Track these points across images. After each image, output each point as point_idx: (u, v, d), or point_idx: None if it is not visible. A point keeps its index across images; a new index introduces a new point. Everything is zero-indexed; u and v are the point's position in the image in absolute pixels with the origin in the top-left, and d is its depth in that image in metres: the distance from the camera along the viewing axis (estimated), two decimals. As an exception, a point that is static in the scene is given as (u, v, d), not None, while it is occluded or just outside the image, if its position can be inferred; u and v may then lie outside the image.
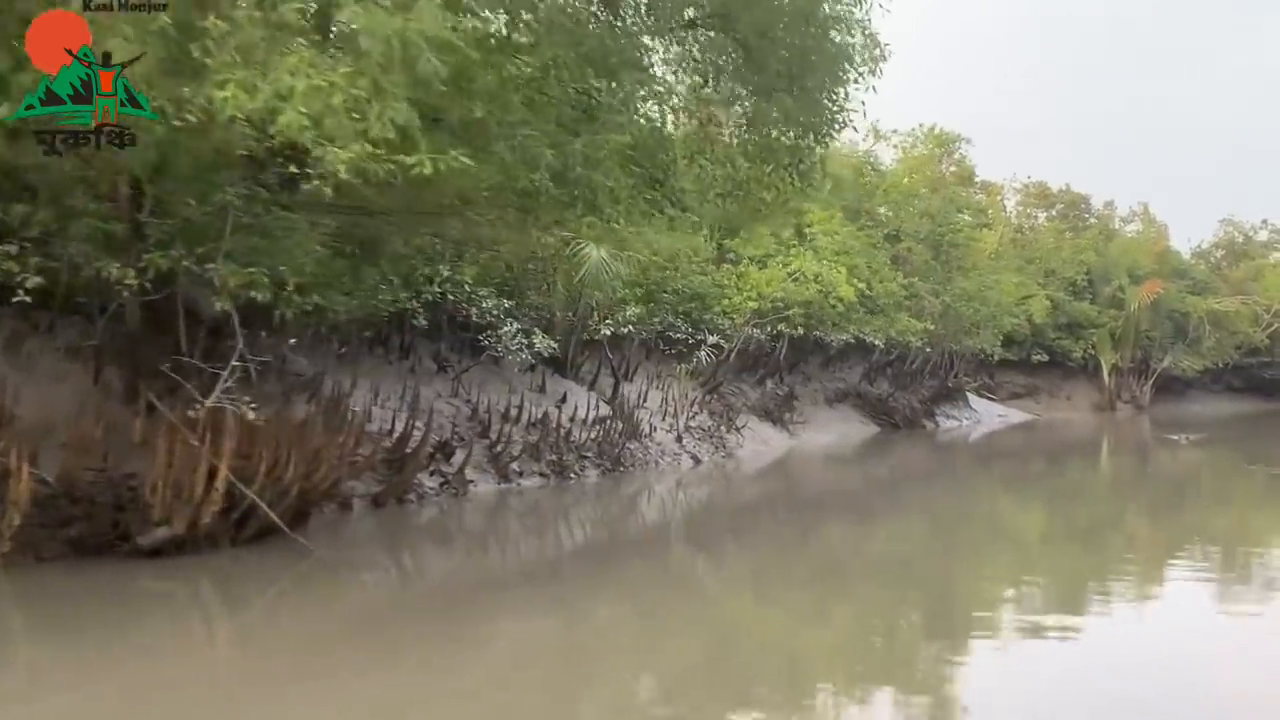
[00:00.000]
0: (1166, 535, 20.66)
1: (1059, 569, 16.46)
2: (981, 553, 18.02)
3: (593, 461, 22.55)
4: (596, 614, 12.80)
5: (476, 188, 12.29)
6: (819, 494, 26.20)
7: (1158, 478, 32.45)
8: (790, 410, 35.73)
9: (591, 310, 23.76)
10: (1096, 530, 21.37)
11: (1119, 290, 62.69)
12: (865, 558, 17.59)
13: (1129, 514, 24.15)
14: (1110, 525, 22.32)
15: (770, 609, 13.42)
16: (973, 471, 33.23)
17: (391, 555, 15.45)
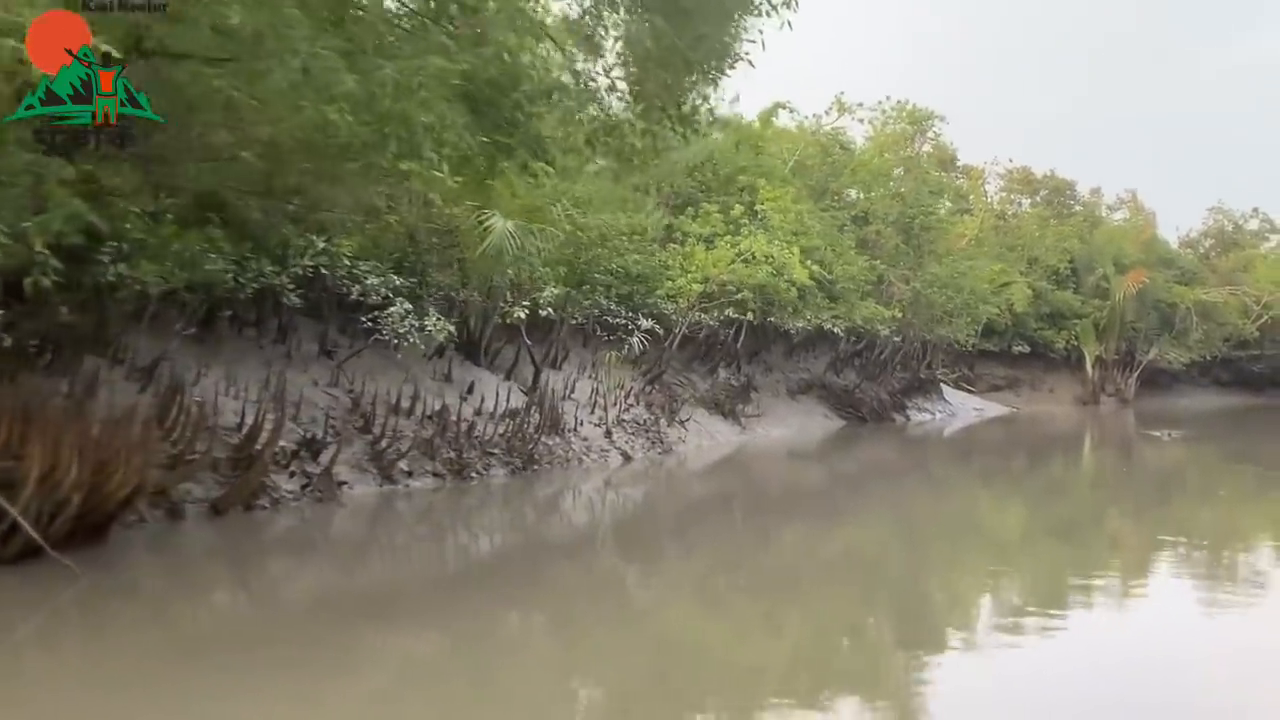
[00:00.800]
0: (1143, 539, 18.54)
1: (1032, 570, 15.66)
2: (953, 554, 16.94)
3: (500, 459, 20.03)
4: (495, 633, 10.63)
5: (271, 123, 9.80)
6: (771, 492, 23.83)
7: (1135, 477, 30.03)
8: (746, 402, 33.23)
9: (505, 291, 21.16)
10: (1069, 532, 19.47)
11: (1104, 279, 60.27)
12: (822, 561, 15.72)
13: (1104, 515, 21.83)
14: (1084, 526, 20.35)
15: (713, 620, 12.00)
16: (942, 468, 30.84)
17: (199, 575, 12.79)
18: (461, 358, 22.07)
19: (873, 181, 38.09)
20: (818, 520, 19.93)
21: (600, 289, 25.22)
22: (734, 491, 23.69)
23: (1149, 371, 63.18)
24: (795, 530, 18.68)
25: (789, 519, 19.87)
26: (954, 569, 15.77)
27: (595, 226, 23.56)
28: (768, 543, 17.08)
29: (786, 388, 37.44)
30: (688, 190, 30.08)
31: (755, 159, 32.19)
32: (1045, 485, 27.89)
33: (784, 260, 27.21)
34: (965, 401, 49.22)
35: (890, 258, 38.42)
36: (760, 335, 36.40)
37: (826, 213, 35.33)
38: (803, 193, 36.57)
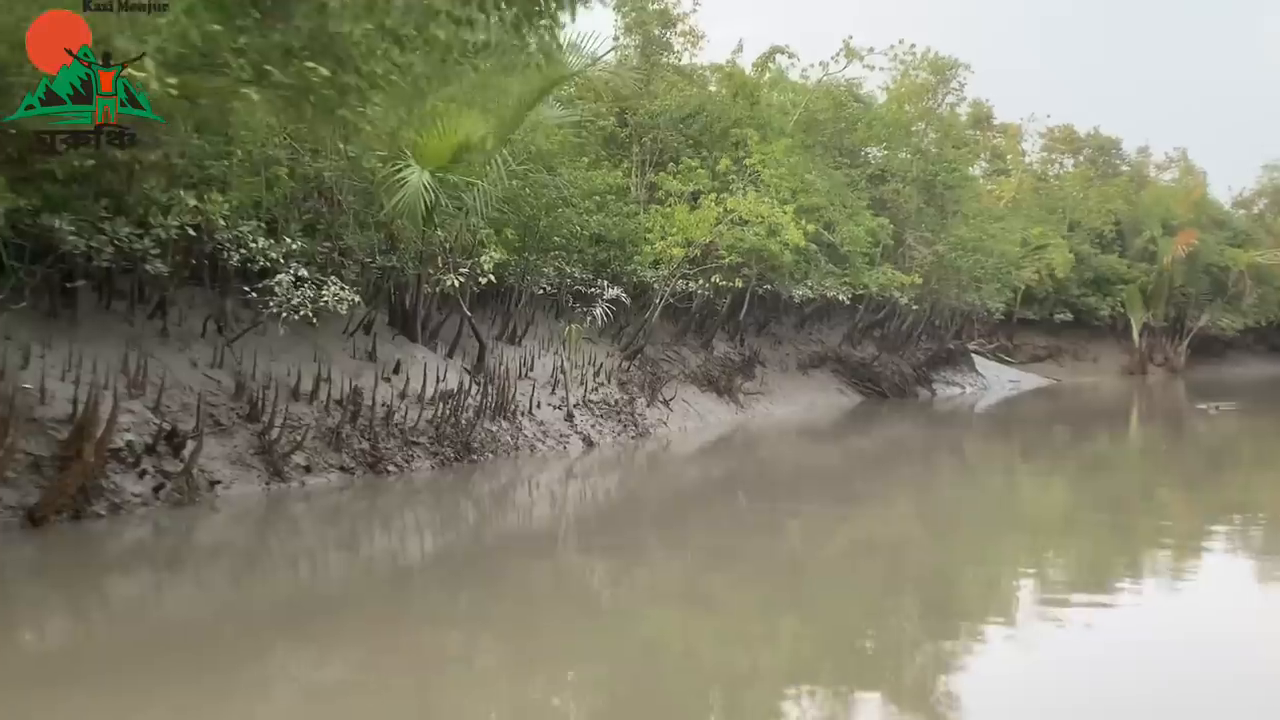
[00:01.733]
0: (1186, 529, 15.56)
1: (1063, 562, 14.13)
2: (981, 543, 15.22)
3: (427, 449, 17.34)
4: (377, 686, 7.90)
5: None
6: (767, 478, 21.10)
7: (1176, 456, 26.79)
8: (749, 378, 30.36)
9: (438, 255, 18.39)
10: (1100, 522, 17.01)
11: (1151, 242, 56.59)
12: (828, 558, 13.54)
13: (1137, 505, 18.69)
14: (1118, 515, 17.41)
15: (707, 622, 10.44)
16: (965, 449, 27.91)
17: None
18: (395, 333, 19.39)
19: (890, 136, 34.83)
20: (820, 510, 17.27)
21: (564, 254, 22.39)
22: (718, 479, 20.88)
23: (1200, 339, 59.44)
24: (795, 522, 16.11)
25: (787, 508, 17.25)
26: (983, 559, 14.08)
27: (550, 183, 20.72)
28: (757, 543, 14.28)
29: (797, 361, 34.52)
30: (676, 146, 27.14)
31: (751, 110, 29.11)
32: (1077, 466, 24.84)
33: (776, 220, 24.20)
34: (1000, 373, 45.95)
35: (911, 219, 35.19)
36: (768, 305, 33.52)
37: (838, 169, 32.18)
38: (809, 148, 33.51)
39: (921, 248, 34.67)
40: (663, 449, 23.56)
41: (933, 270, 35.60)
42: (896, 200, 34.52)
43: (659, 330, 28.10)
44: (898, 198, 34.43)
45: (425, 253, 18.34)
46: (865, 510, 17.93)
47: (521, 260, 21.54)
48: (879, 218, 31.43)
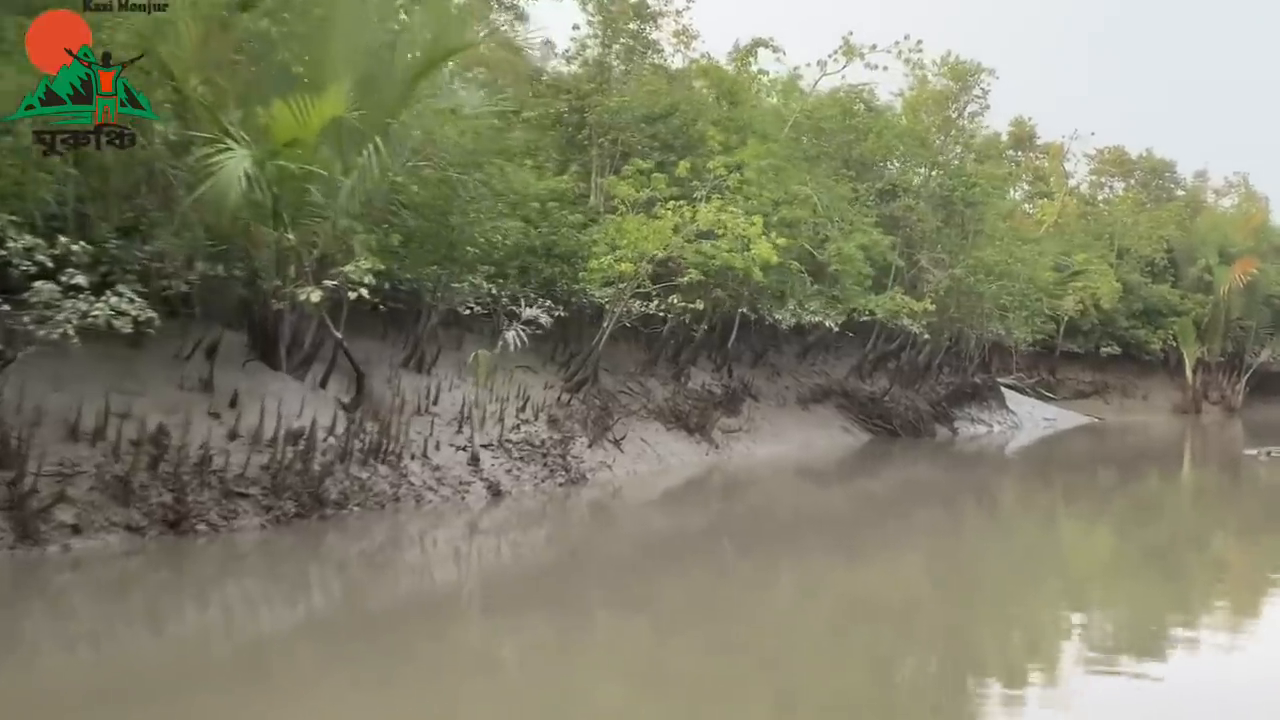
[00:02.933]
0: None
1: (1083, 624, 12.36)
2: (1004, 599, 13.49)
3: (258, 503, 13.88)
4: None
5: None
6: (738, 529, 18.06)
7: (1209, 512, 22.60)
8: (731, 413, 26.66)
9: (289, 262, 14.94)
10: (1124, 588, 14.73)
11: (1206, 271, 51.99)
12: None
13: (1155, 570, 14.83)
14: (1138, 581, 14.29)
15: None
16: (979, 494, 24.09)
17: None
18: (251, 358, 15.99)
19: (903, 147, 31.07)
20: (807, 564, 15.05)
21: (493, 268, 18.93)
22: (666, 532, 17.42)
23: (1260, 376, 54.59)
24: (778, 581, 13.71)
25: (761, 567, 14.48)
26: (1005, 621, 12.33)
27: (460, 182, 17.30)
28: (724, 608, 10.89)
29: (797, 395, 30.74)
30: (644, 149, 23.56)
31: (731, 112, 25.45)
32: (1099, 521, 21.11)
33: (743, 233, 20.55)
34: (1034, 410, 41.69)
35: (927, 240, 31.36)
36: (765, 333, 29.84)
37: (843, 182, 28.49)
38: (814, 158, 29.88)
39: (937, 271, 30.75)
40: (609, 496, 20.01)
41: (950, 296, 31.69)
42: (909, 218, 30.67)
43: (623, 359, 24.55)
44: (911, 215, 30.57)
45: (280, 258, 14.92)
46: (865, 564, 15.35)
47: (432, 274, 18.10)
48: (886, 236, 27.69)
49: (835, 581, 14.21)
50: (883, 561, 15.78)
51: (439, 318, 19.15)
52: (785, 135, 29.05)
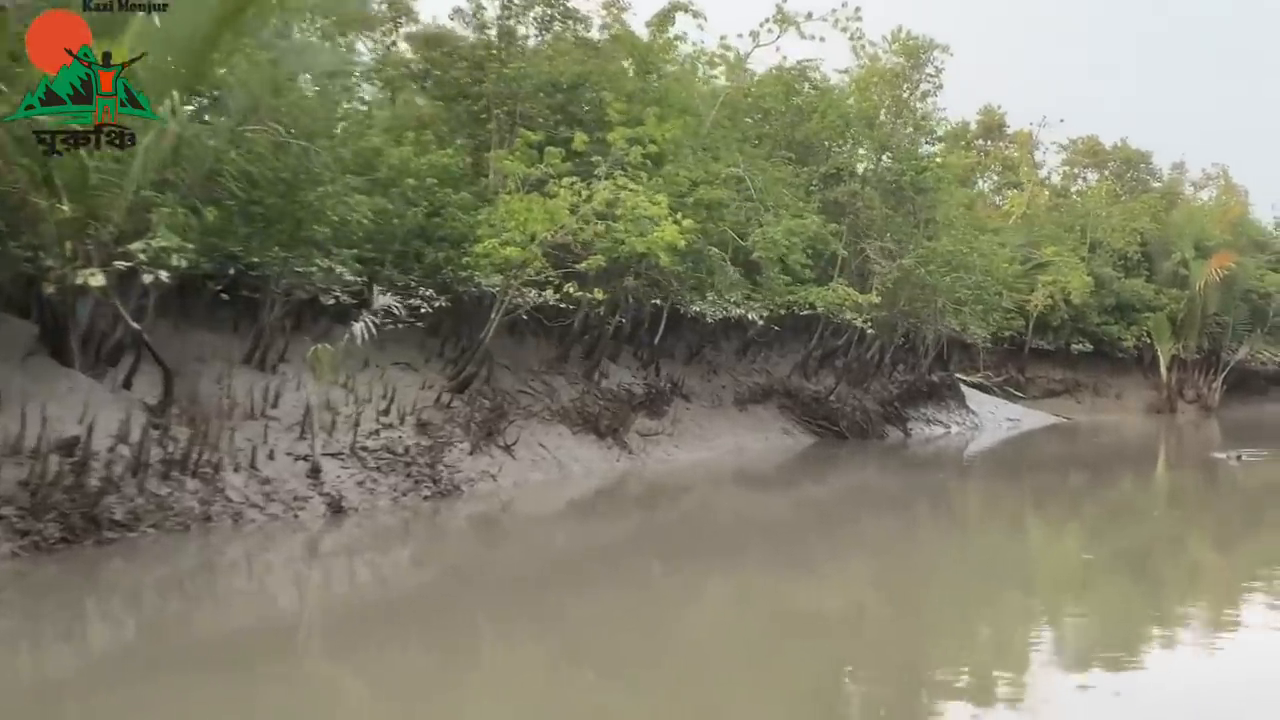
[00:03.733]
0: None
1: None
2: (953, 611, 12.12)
3: (11, 527, 11.51)
4: None
5: None
6: (648, 544, 16.13)
7: (1167, 522, 20.30)
8: (655, 415, 24.35)
9: (64, 237, 12.53)
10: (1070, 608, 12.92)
11: (1182, 265, 49.73)
12: None
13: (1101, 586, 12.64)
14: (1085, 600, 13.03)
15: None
16: (926, 500, 22.00)
17: None
18: (39, 352, 13.61)
19: (849, 128, 28.74)
20: (731, 576, 13.56)
21: (344, 252, 16.55)
22: (564, 555, 15.06)
23: (1238, 374, 52.33)
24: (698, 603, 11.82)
25: (671, 588, 12.82)
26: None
27: (302, 151, 14.94)
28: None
29: (735, 395, 28.41)
30: (546, 122, 21.14)
31: (644, 83, 23.00)
32: (1050, 531, 18.77)
33: (644, 213, 18.19)
34: (998, 410, 39.40)
35: (875, 227, 29.07)
36: (703, 328, 27.48)
37: (776, 163, 26.19)
38: (757, 141, 27.62)
39: (884, 261, 28.45)
40: (498, 510, 17.77)
41: (901, 288, 29.40)
42: (855, 204, 28.36)
43: (528, 355, 22.22)
44: (856, 201, 28.26)
45: (60, 234, 12.54)
46: (807, 577, 13.85)
47: (276, 257, 15.73)
48: (830, 223, 25.44)
49: (772, 595, 12.70)
50: (827, 573, 14.22)
51: (289, 307, 16.76)
52: (719, 112, 26.77)
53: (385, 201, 16.89)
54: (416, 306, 18.34)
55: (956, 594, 13.35)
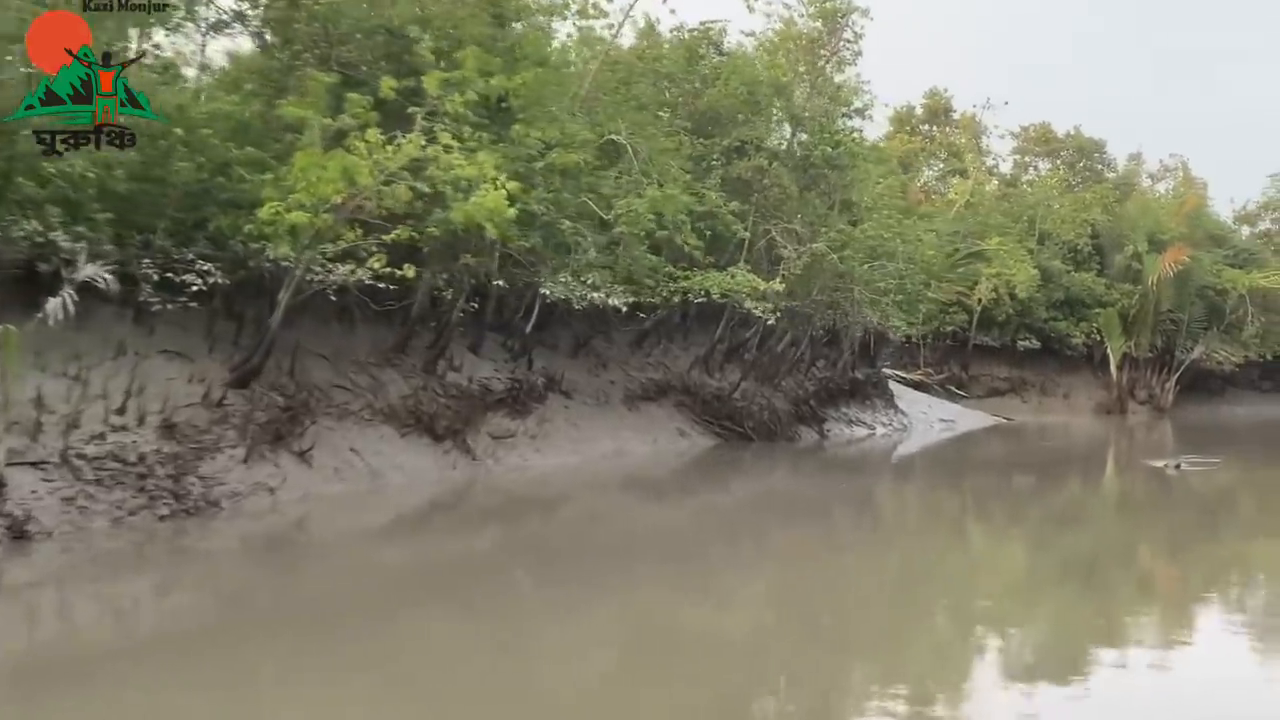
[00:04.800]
0: None
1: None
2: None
3: None
4: None
5: None
6: (499, 572, 13.26)
7: (1071, 548, 17.17)
8: (518, 414, 21.17)
9: None
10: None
11: (1135, 259, 46.98)
12: None
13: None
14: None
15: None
16: (832, 514, 18.92)
17: None
18: None
19: (752, 97, 25.61)
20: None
21: (58, 212, 13.26)
22: (386, 581, 11.91)
23: (1193, 374, 49.63)
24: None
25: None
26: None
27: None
28: None
29: (625, 392, 25.24)
30: (367, 69, 17.82)
31: (499, 32, 19.68)
32: (967, 548, 15.68)
33: (461, 174, 14.96)
34: (931, 410, 36.41)
35: (785, 208, 25.97)
36: (591, 317, 24.36)
37: (664, 130, 23.05)
38: (657, 109, 24.50)
39: (791, 245, 25.35)
40: (291, 528, 14.66)
41: (813, 276, 26.31)
42: (761, 182, 25.23)
43: (355, 344, 18.95)
44: (761, 178, 25.13)
45: None
46: (698, 596, 12.05)
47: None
48: (715, 199, 22.32)
49: (655, 618, 10.97)
50: (726, 590, 12.54)
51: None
52: (613, 75, 23.68)
53: (133, 155, 13.55)
54: (189, 284, 15.12)
55: (864, 612, 11.82)
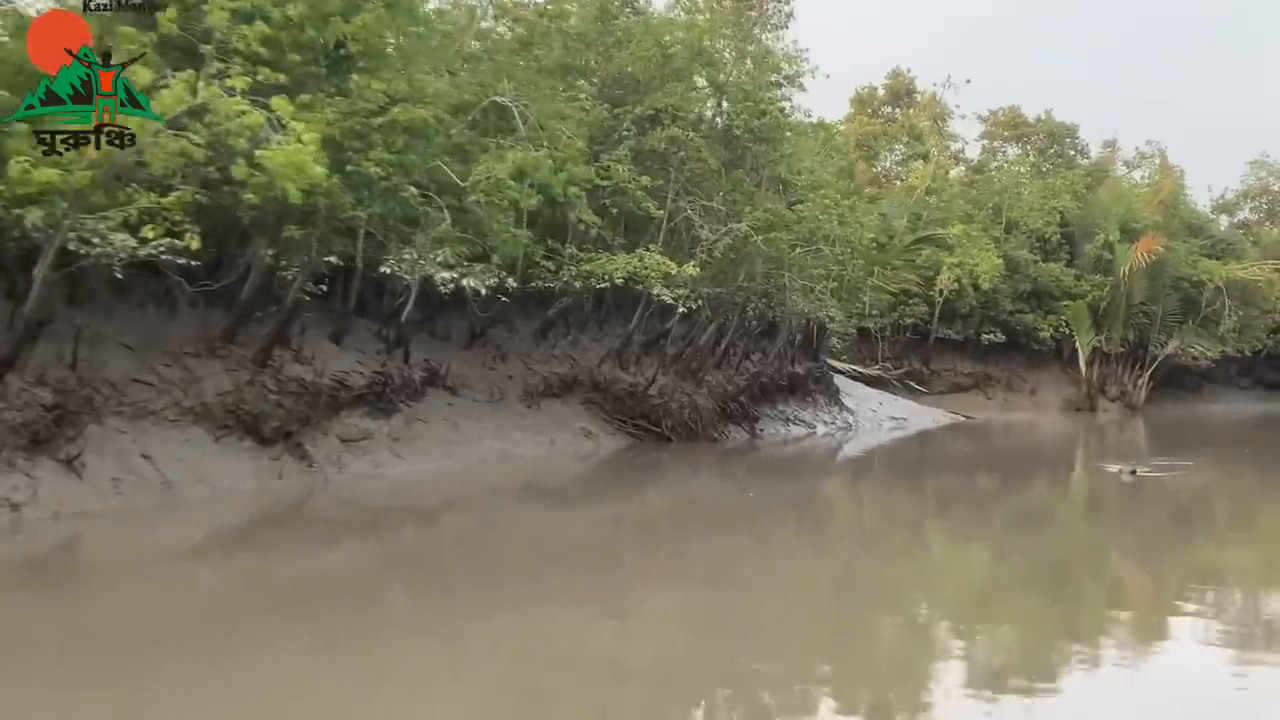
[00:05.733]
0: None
1: None
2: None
3: None
4: None
5: None
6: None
7: (1000, 573, 14.39)
8: (382, 412, 18.43)
9: None
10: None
11: (1106, 249, 44.33)
12: None
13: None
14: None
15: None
16: (758, 524, 16.26)
17: None
18: None
19: (667, 61, 22.83)
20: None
21: None
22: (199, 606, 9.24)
23: (1167, 370, 47.02)
24: None
25: None
26: None
27: None
28: None
29: (525, 388, 22.51)
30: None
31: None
32: (905, 565, 12.93)
33: (245, 122, 12.18)
34: (881, 408, 33.70)
35: (706, 185, 23.24)
36: (490, 304, 21.63)
37: (560, 93, 20.32)
38: (564, 73, 21.81)
39: (716, 225, 22.62)
40: (52, 552, 11.94)
41: (740, 260, 23.62)
42: (676, 155, 22.48)
43: (173, 332, 16.16)
44: (676, 150, 22.37)
45: None
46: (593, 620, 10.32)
47: None
48: (624, 173, 19.62)
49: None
50: (627, 610, 10.79)
51: None
52: (511, 35, 20.97)
53: None
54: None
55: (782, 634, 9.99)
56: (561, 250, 21.42)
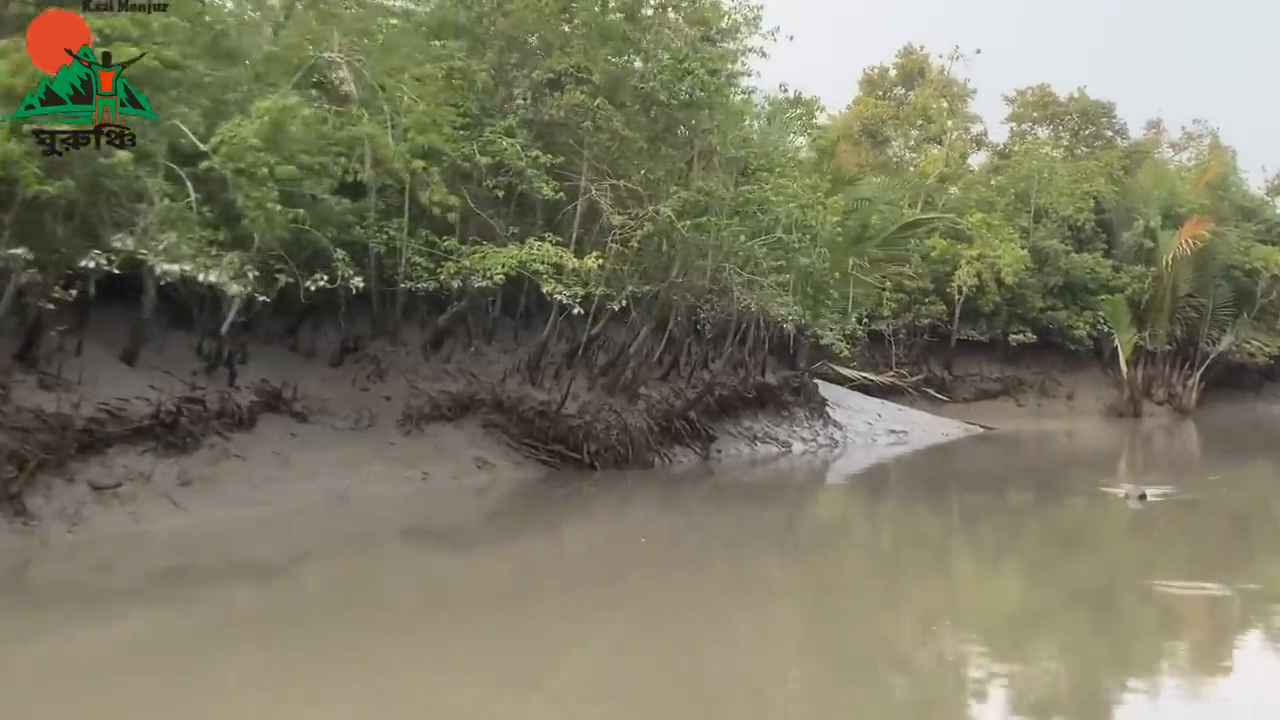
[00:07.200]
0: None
1: None
2: None
3: None
4: None
5: None
6: None
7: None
8: (178, 450, 14.46)
9: None
10: None
11: (1147, 236, 39.11)
12: None
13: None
14: None
15: None
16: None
17: None
18: None
19: (564, 14, 18.68)
20: None
21: None
22: None
23: (1221, 368, 41.61)
24: None
25: None
26: None
27: None
28: None
29: (407, 410, 18.41)
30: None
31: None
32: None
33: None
34: (878, 421, 29.02)
35: (625, 164, 19.05)
36: (370, 309, 17.88)
37: (403, 41, 16.27)
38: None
39: (635, 207, 18.42)
40: None
41: (676, 252, 19.38)
42: (581, 125, 18.30)
43: None
44: (582, 120, 18.18)
45: None
46: None
47: None
48: (447, 136, 15.49)
49: None
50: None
51: None
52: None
53: None
54: None
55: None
56: (439, 244, 17.35)
